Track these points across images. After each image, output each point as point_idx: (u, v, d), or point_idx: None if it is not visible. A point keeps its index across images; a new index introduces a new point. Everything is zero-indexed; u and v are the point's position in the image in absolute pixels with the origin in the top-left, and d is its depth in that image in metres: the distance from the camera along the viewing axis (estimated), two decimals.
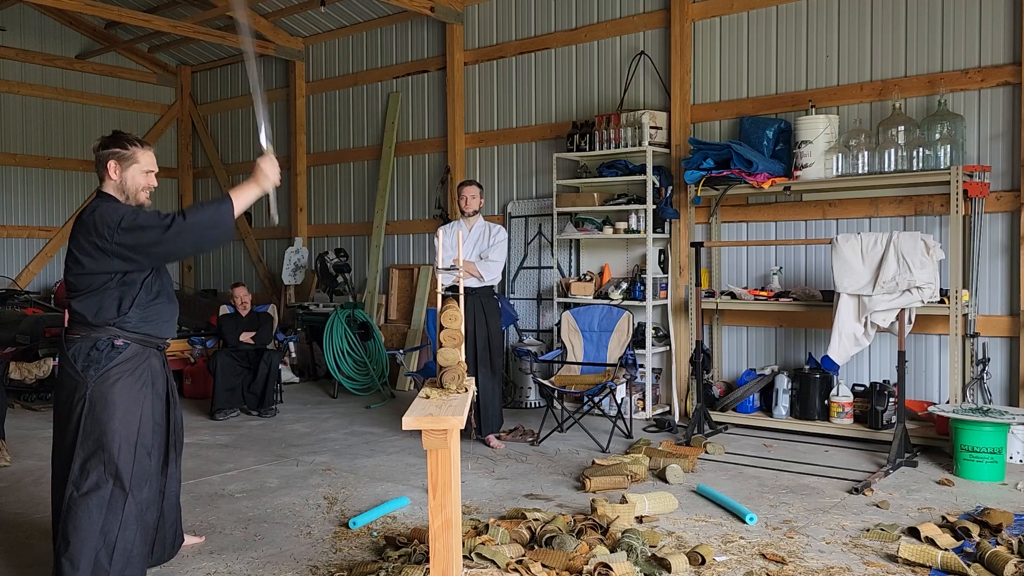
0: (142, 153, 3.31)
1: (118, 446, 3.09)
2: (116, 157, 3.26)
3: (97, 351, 3.15)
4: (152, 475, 3.23)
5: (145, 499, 3.18)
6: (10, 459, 5.37)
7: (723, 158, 6.09)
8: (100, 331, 3.16)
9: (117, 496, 3.08)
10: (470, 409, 3.01)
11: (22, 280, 9.78)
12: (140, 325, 3.23)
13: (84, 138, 10.40)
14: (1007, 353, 5.52)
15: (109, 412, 3.11)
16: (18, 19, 9.71)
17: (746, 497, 4.45)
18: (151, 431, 3.23)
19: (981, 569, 3.32)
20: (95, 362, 3.14)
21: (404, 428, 2.64)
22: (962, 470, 4.82)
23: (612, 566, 3.18)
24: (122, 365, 3.16)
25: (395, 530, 3.95)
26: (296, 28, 9.51)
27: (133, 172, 3.28)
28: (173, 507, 3.54)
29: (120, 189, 3.28)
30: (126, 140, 3.31)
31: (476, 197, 5.86)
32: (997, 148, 5.52)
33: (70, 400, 3.15)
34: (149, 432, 3.21)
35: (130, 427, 3.13)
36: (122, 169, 3.27)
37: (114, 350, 3.16)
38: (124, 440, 3.11)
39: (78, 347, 3.16)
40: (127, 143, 3.30)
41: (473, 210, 5.86)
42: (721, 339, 6.66)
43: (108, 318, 3.17)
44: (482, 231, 5.87)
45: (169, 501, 3.49)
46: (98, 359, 3.14)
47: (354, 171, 9.34)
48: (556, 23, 7.55)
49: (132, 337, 3.21)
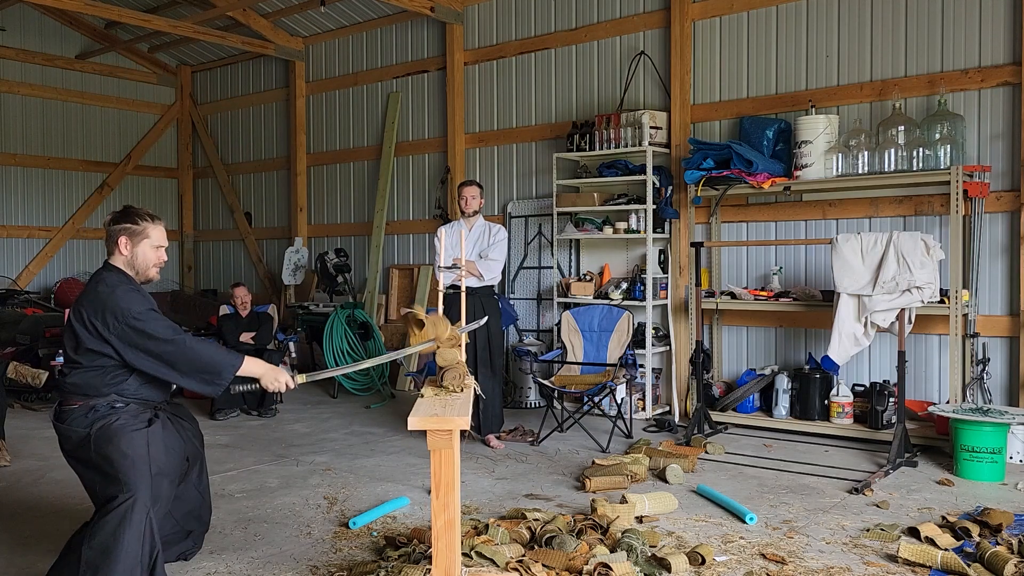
0: (153, 228, 3.28)
1: (128, 467, 3.05)
2: (127, 233, 3.24)
3: (95, 411, 3.14)
4: (165, 497, 3.19)
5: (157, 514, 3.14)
6: (10, 459, 5.37)
7: (723, 158, 6.09)
8: (97, 399, 3.15)
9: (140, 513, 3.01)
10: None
11: (22, 280, 9.78)
12: (140, 390, 3.21)
13: (84, 138, 10.41)
14: (1007, 353, 5.52)
15: (113, 444, 3.07)
16: (18, 19, 9.72)
17: (746, 497, 4.45)
18: (163, 453, 3.17)
19: (981, 569, 3.33)
20: (95, 420, 3.12)
21: (409, 428, 2.64)
22: (962, 470, 4.83)
23: (612, 566, 3.18)
24: (121, 418, 3.15)
25: (395, 530, 3.95)
26: (296, 28, 9.51)
27: (144, 248, 3.26)
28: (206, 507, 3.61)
29: (130, 265, 3.26)
30: (137, 215, 3.28)
31: (476, 197, 5.86)
32: (997, 148, 5.53)
33: (77, 453, 3.15)
34: (161, 455, 3.15)
35: (136, 449, 3.08)
36: (133, 245, 3.24)
37: (113, 411, 3.15)
38: (133, 462, 3.06)
39: (76, 413, 3.15)
40: (138, 218, 3.27)
41: (473, 210, 5.86)
42: (721, 339, 6.66)
43: (105, 388, 3.15)
44: (482, 231, 5.87)
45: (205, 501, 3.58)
46: (96, 417, 3.13)
47: (354, 171, 9.34)
48: (556, 23, 7.55)
49: (131, 399, 3.19)
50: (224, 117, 10.84)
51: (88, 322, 3.11)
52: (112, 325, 3.09)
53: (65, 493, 4.69)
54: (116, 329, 3.09)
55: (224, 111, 10.81)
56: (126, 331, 3.09)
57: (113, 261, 3.27)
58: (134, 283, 3.25)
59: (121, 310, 3.09)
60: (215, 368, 3.14)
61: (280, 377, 3.27)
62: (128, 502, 2.99)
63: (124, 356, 3.12)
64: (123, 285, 3.18)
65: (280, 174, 10.13)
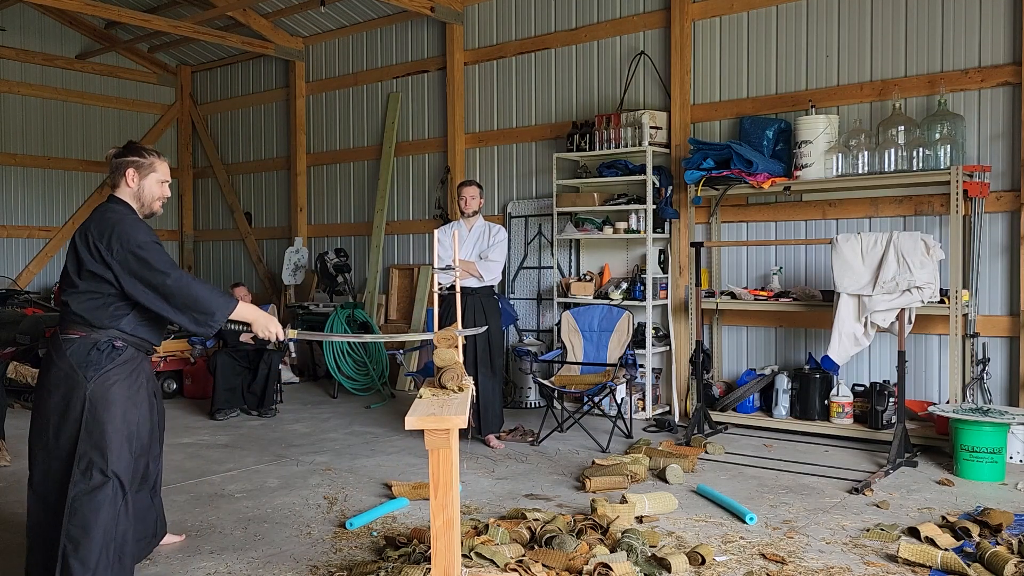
0: (159, 163, 3.36)
1: (118, 445, 3.10)
2: (135, 166, 3.30)
3: (97, 351, 3.14)
4: (140, 475, 3.32)
5: (136, 497, 3.27)
6: (10, 459, 5.37)
7: (723, 158, 6.09)
8: (99, 332, 3.16)
9: (117, 494, 3.09)
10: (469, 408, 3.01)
11: (22, 280, 9.78)
12: (137, 329, 3.23)
13: (84, 138, 10.41)
14: (1007, 353, 5.52)
15: (110, 413, 3.11)
16: (18, 19, 9.71)
17: (746, 497, 4.45)
18: (147, 434, 3.29)
19: (981, 569, 3.32)
20: (95, 363, 3.13)
21: (407, 428, 2.64)
22: (962, 470, 4.82)
23: (612, 566, 3.18)
24: (121, 367, 3.17)
25: (395, 530, 3.95)
26: (296, 28, 9.51)
27: (150, 182, 3.32)
28: (158, 500, 3.63)
29: (136, 197, 3.31)
30: (143, 149, 3.36)
31: (476, 197, 5.86)
32: (997, 148, 5.53)
33: (67, 399, 3.12)
34: (146, 435, 3.28)
35: (129, 427, 3.15)
36: (140, 178, 3.30)
37: (114, 351, 3.16)
38: (123, 440, 3.13)
39: (77, 347, 3.15)
40: (145, 152, 3.34)
41: (473, 210, 5.85)
42: (721, 339, 6.66)
43: (107, 320, 3.17)
44: (482, 231, 5.86)
45: (156, 494, 3.60)
46: (98, 360, 3.13)
47: (354, 171, 9.34)
48: (556, 23, 7.55)
49: (129, 340, 3.21)
50: (224, 117, 10.84)
51: (93, 244, 3.14)
52: (116, 250, 3.12)
53: None
54: (119, 255, 3.12)
55: (224, 111, 10.81)
56: (128, 258, 3.11)
57: (119, 194, 3.31)
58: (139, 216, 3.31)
59: (127, 236, 3.13)
60: (208, 308, 3.14)
61: (271, 326, 3.31)
62: (111, 480, 3.06)
63: (123, 284, 3.13)
64: (131, 216, 3.25)
65: (280, 174, 10.13)
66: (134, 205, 3.31)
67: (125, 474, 3.12)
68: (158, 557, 3.69)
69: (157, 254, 3.14)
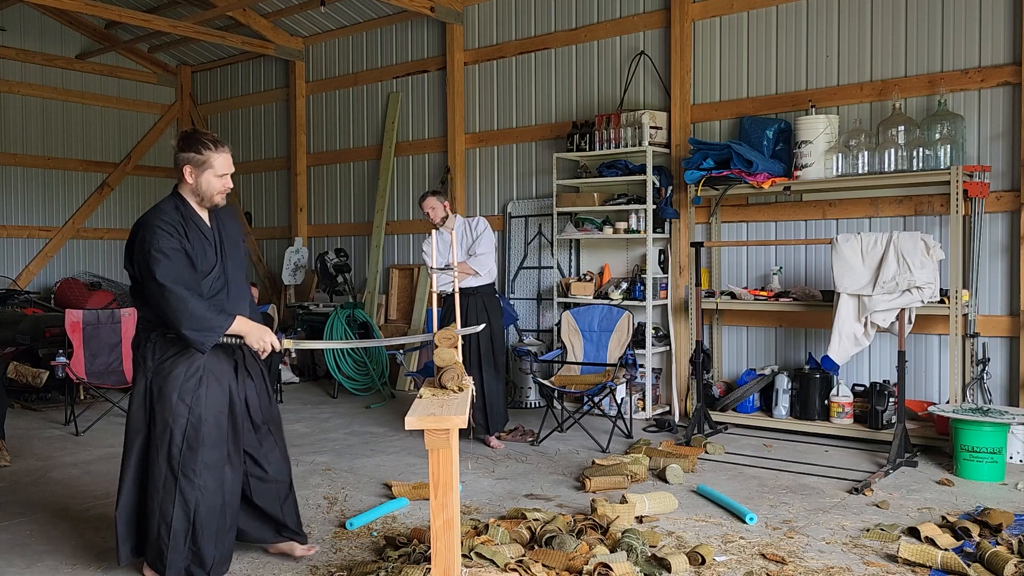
0: (216, 156, 3.29)
1: (170, 433, 3.23)
2: (191, 163, 3.27)
3: (151, 342, 3.28)
4: (214, 464, 3.28)
5: (202, 486, 3.25)
6: (10, 459, 5.37)
7: (723, 158, 6.09)
8: (158, 328, 3.28)
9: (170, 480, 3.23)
10: (469, 408, 3.01)
11: (22, 280, 9.78)
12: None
13: (84, 138, 10.41)
14: (1007, 353, 5.52)
15: (163, 403, 3.24)
16: (18, 19, 9.71)
17: (746, 497, 4.45)
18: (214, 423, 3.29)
19: (981, 569, 3.32)
20: (151, 353, 3.27)
21: (407, 428, 2.64)
22: (962, 470, 4.82)
23: (612, 566, 3.18)
24: (175, 358, 3.25)
25: (395, 530, 3.95)
26: (296, 28, 9.51)
27: (207, 177, 3.29)
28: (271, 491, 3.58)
29: (195, 192, 3.32)
30: (201, 143, 3.28)
31: (437, 207, 5.76)
32: (997, 148, 5.53)
33: (136, 387, 3.33)
34: (212, 424, 3.28)
35: (179, 418, 3.23)
36: (197, 175, 3.28)
37: (166, 342, 3.27)
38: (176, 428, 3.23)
39: (138, 340, 3.36)
40: (202, 147, 3.27)
41: (441, 218, 5.79)
42: (721, 339, 6.66)
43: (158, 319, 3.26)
44: (464, 229, 5.83)
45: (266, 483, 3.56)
46: (152, 350, 3.27)
47: (354, 171, 9.34)
48: (556, 23, 7.55)
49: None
50: (224, 117, 10.84)
51: (128, 244, 3.31)
52: (137, 252, 3.22)
53: (65, 493, 4.69)
54: (138, 258, 3.22)
55: (224, 111, 10.81)
56: (142, 262, 3.20)
57: (180, 189, 3.34)
58: (187, 215, 3.29)
59: (147, 241, 3.18)
60: (203, 326, 3.17)
61: (266, 336, 3.31)
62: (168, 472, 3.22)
63: (142, 285, 3.25)
64: (164, 218, 3.24)
65: (280, 174, 10.13)
66: (193, 200, 3.33)
67: (176, 459, 3.22)
68: None
69: (164, 266, 3.15)
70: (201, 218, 3.36)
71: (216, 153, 3.29)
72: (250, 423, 3.48)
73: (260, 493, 3.53)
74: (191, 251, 3.25)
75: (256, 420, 3.50)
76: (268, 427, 3.56)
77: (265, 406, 3.56)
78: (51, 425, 6.62)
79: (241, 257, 3.55)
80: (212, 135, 3.33)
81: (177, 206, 3.31)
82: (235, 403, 3.38)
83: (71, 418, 6.42)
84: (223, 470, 3.31)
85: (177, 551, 3.24)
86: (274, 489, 3.57)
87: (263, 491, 3.54)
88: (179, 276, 3.17)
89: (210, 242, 3.35)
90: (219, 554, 3.33)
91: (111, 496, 4.60)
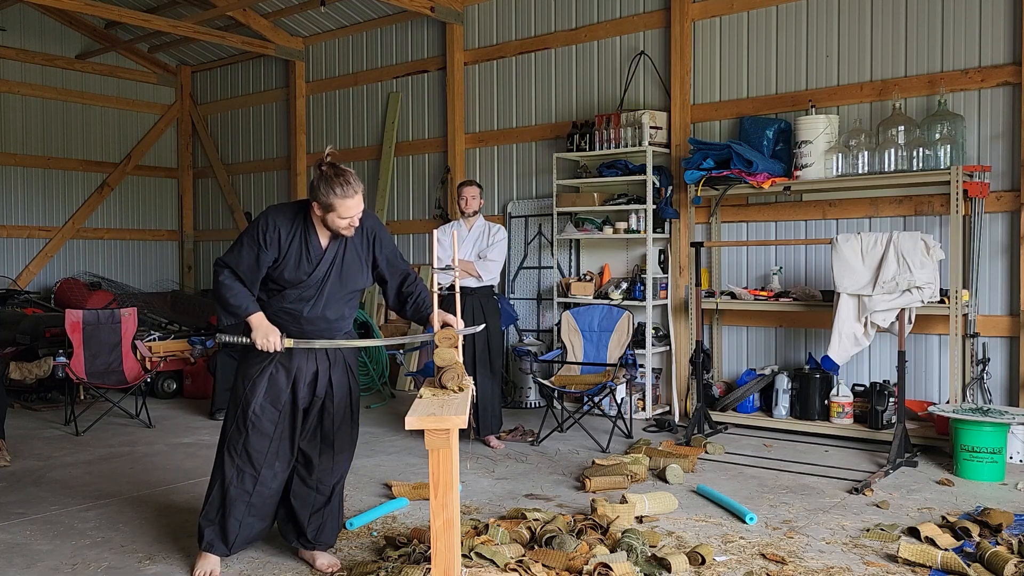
0: (341, 203, 3.21)
1: (229, 409, 3.49)
2: (319, 202, 3.26)
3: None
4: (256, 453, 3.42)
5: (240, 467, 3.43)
6: (10, 459, 5.37)
7: (723, 158, 6.09)
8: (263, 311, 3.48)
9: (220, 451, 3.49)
10: (469, 408, 3.01)
11: (22, 280, 9.78)
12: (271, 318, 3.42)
13: (84, 138, 10.41)
14: (1007, 353, 5.52)
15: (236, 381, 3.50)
16: (18, 19, 9.71)
17: (746, 497, 4.45)
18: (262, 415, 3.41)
19: (981, 569, 3.32)
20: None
21: (407, 428, 2.64)
22: (962, 470, 4.83)
23: (612, 566, 3.18)
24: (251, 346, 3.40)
25: (395, 530, 3.95)
26: (296, 28, 9.51)
27: (332, 218, 3.29)
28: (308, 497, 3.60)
29: (321, 221, 3.35)
30: (331, 191, 3.21)
31: (476, 197, 5.85)
32: (997, 148, 5.53)
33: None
34: (260, 415, 3.41)
35: (238, 398, 3.45)
36: (323, 213, 3.29)
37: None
38: (232, 406, 3.48)
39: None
40: (332, 194, 3.20)
41: (473, 210, 5.84)
42: (721, 339, 6.66)
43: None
44: (482, 231, 5.85)
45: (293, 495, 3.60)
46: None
47: (354, 171, 9.32)
48: (556, 23, 7.55)
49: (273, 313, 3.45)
50: (224, 117, 10.84)
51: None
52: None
53: (65, 493, 4.69)
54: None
55: (224, 111, 10.81)
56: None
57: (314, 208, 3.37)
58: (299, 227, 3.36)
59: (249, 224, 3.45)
60: (229, 308, 3.36)
61: (270, 336, 3.35)
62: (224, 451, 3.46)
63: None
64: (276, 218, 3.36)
65: (280, 174, 10.13)
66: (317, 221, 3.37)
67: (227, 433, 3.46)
68: (158, 556, 3.69)
69: (233, 247, 3.40)
70: (316, 234, 3.37)
71: (341, 200, 3.21)
72: (319, 429, 3.54)
73: (297, 493, 3.58)
74: (267, 255, 3.34)
75: (327, 427, 3.54)
76: (336, 441, 3.56)
77: (340, 420, 3.55)
78: (51, 425, 6.62)
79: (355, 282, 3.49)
80: (347, 177, 3.23)
81: (299, 214, 3.39)
82: (298, 403, 3.46)
83: (71, 418, 6.42)
84: (265, 461, 3.44)
85: (208, 518, 3.48)
86: (311, 497, 3.58)
87: (300, 493, 3.58)
88: (237, 262, 3.37)
89: (311, 259, 3.36)
90: (242, 537, 3.51)
91: (111, 496, 4.60)
